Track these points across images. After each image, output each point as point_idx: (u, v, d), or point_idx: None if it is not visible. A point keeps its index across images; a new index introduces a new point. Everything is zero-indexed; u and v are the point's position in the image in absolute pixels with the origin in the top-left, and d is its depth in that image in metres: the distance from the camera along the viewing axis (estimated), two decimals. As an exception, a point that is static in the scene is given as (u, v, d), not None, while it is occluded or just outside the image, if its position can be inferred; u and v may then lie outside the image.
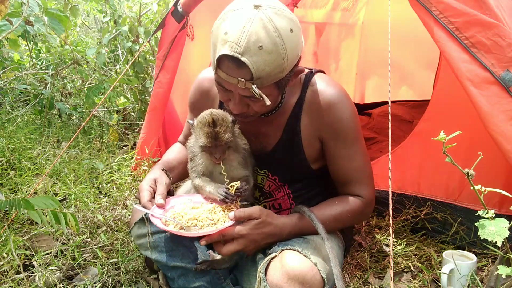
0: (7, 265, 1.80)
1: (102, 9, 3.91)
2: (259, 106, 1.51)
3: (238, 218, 1.47)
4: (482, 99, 1.57)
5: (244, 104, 1.51)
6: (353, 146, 1.66)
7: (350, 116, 1.63)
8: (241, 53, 1.34)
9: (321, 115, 1.63)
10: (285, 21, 1.37)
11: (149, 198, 1.56)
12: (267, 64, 1.36)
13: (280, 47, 1.35)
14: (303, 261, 1.42)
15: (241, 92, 1.44)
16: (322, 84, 1.66)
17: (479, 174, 1.37)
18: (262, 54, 1.34)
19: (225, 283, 1.66)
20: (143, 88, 3.54)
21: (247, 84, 1.39)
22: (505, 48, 1.55)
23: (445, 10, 1.63)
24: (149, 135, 2.61)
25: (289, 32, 1.37)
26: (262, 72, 1.37)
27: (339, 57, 3.99)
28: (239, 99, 1.49)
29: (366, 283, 1.84)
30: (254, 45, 1.33)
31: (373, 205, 1.74)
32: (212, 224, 1.49)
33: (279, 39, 1.35)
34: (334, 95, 1.63)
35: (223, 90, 1.51)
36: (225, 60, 1.39)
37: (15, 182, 2.46)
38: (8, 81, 3.52)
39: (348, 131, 1.64)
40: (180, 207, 1.57)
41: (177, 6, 2.41)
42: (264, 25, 1.34)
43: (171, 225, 1.49)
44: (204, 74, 1.85)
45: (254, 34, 1.33)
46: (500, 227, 1.26)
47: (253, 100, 1.47)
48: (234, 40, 1.34)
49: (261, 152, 1.75)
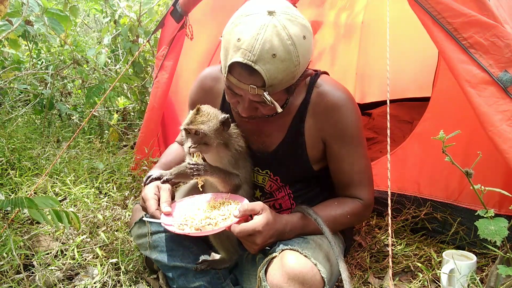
0: (7, 265, 1.81)
1: (102, 9, 3.91)
2: (267, 110, 1.52)
3: (242, 212, 1.46)
4: (480, 100, 1.58)
5: (253, 108, 1.51)
6: (356, 149, 1.66)
7: (354, 119, 1.63)
8: (254, 61, 1.33)
9: (326, 117, 1.63)
10: (298, 28, 1.36)
11: (156, 207, 1.56)
12: (279, 71, 1.35)
13: (293, 55, 1.35)
14: (303, 261, 1.42)
15: (252, 97, 1.44)
16: (328, 87, 1.65)
17: (479, 174, 1.37)
18: (276, 62, 1.33)
19: (225, 283, 1.66)
20: (143, 88, 3.54)
21: (258, 91, 1.38)
22: (503, 48, 1.56)
23: (443, 10, 1.64)
24: (147, 134, 2.62)
25: (302, 39, 1.36)
26: (274, 80, 1.36)
27: (336, 56, 3.99)
28: (248, 104, 1.49)
29: (366, 283, 1.84)
30: (267, 53, 1.32)
31: (372, 208, 1.75)
32: (225, 219, 1.49)
33: (292, 47, 1.34)
34: (339, 97, 1.63)
35: (232, 94, 1.50)
36: (237, 67, 1.38)
37: (15, 182, 2.46)
38: (8, 81, 3.51)
39: (352, 134, 1.64)
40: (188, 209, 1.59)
41: (176, 5, 2.41)
42: (278, 32, 1.33)
43: (187, 228, 1.49)
44: (207, 72, 1.84)
45: (268, 42, 1.32)
46: (499, 227, 1.26)
47: (262, 105, 1.47)
48: (247, 47, 1.33)
49: (263, 152, 1.75)
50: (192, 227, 1.48)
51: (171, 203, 1.60)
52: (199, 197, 1.66)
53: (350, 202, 1.67)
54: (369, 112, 4.01)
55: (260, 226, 1.43)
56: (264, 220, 1.44)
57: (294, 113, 1.68)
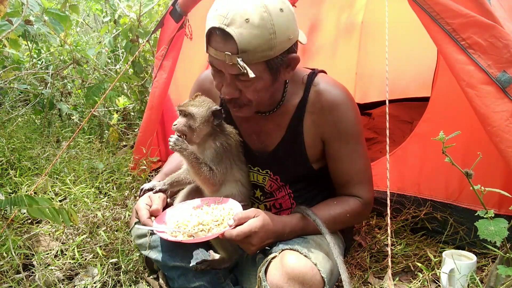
0: (7, 265, 1.81)
1: (102, 9, 3.91)
2: (251, 92, 1.51)
3: (237, 221, 1.46)
4: (479, 100, 1.58)
5: (235, 87, 1.52)
6: (355, 147, 1.66)
7: (353, 118, 1.63)
8: (227, 24, 1.38)
9: (325, 116, 1.63)
10: (275, 0, 1.41)
11: (147, 216, 1.58)
12: (253, 37, 1.37)
13: (268, 22, 1.37)
14: (303, 261, 1.42)
15: (230, 70, 1.46)
16: (325, 85, 1.66)
17: (479, 174, 1.37)
18: (248, 27, 1.36)
19: (225, 283, 1.66)
20: (142, 87, 3.54)
21: (233, 59, 1.40)
22: (502, 49, 1.56)
23: (442, 11, 1.64)
24: (146, 134, 2.62)
25: (278, 11, 1.40)
26: (248, 45, 1.38)
27: (337, 56, 3.98)
28: (230, 80, 1.50)
29: (366, 283, 1.84)
30: (241, 18, 1.36)
31: (371, 206, 1.75)
32: (218, 225, 1.50)
33: (266, 14, 1.37)
34: (338, 96, 1.63)
35: (216, 73, 1.54)
36: (214, 34, 1.43)
37: (15, 182, 2.46)
38: (8, 81, 3.51)
39: (351, 132, 1.64)
40: (180, 216, 1.60)
41: (176, 5, 2.41)
42: (252, 1, 1.38)
43: (180, 235, 1.49)
44: (205, 75, 1.87)
45: (242, 8, 1.37)
46: (499, 227, 1.26)
47: (243, 81, 1.48)
48: (222, 13, 1.39)
49: (263, 152, 1.75)
50: (185, 234, 1.49)
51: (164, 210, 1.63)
52: (191, 202, 1.67)
53: (350, 201, 1.67)
54: (369, 112, 4.01)
55: (256, 227, 1.44)
56: (260, 221, 1.46)
57: (293, 112, 1.68)
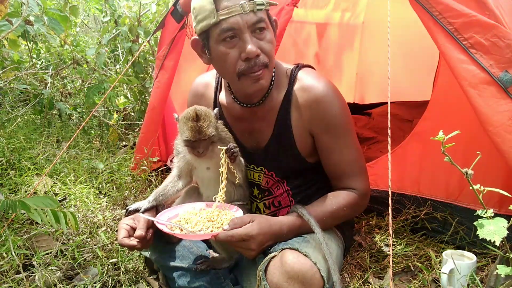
0: (7, 265, 1.81)
1: (102, 9, 3.91)
2: (267, 43, 1.55)
3: (232, 226, 1.45)
4: (480, 100, 1.57)
5: (256, 43, 1.53)
6: (344, 139, 1.66)
7: (339, 109, 1.63)
8: None
9: (310, 109, 1.64)
10: None
11: (123, 235, 1.52)
12: None
13: None
14: (303, 260, 1.42)
15: (249, 19, 1.49)
16: (308, 79, 1.66)
17: (479, 174, 1.37)
18: None
19: (225, 283, 1.66)
20: (143, 88, 3.54)
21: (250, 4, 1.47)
22: (504, 49, 1.55)
23: (444, 11, 1.63)
24: (147, 134, 2.62)
25: None
26: None
27: (340, 57, 3.99)
28: (250, 36, 1.51)
29: (366, 283, 1.84)
30: None
31: (368, 196, 1.74)
32: (218, 227, 1.49)
33: None
34: (321, 89, 1.63)
35: (230, 43, 1.53)
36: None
37: (15, 182, 2.47)
38: (8, 81, 3.51)
39: (338, 124, 1.64)
40: (183, 214, 1.60)
41: (177, 6, 2.42)
42: None
43: (177, 230, 1.50)
44: (199, 80, 1.92)
45: None
46: (499, 227, 1.26)
47: (259, 34, 1.52)
48: None
49: (257, 149, 1.76)
50: (184, 231, 1.49)
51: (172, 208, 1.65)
52: (197, 205, 1.67)
53: (345, 194, 1.67)
54: (369, 112, 4.02)
55: (253, 231, 1.44)
56: (256, 225, 1.46)
57: (279, 106, 1.68)
